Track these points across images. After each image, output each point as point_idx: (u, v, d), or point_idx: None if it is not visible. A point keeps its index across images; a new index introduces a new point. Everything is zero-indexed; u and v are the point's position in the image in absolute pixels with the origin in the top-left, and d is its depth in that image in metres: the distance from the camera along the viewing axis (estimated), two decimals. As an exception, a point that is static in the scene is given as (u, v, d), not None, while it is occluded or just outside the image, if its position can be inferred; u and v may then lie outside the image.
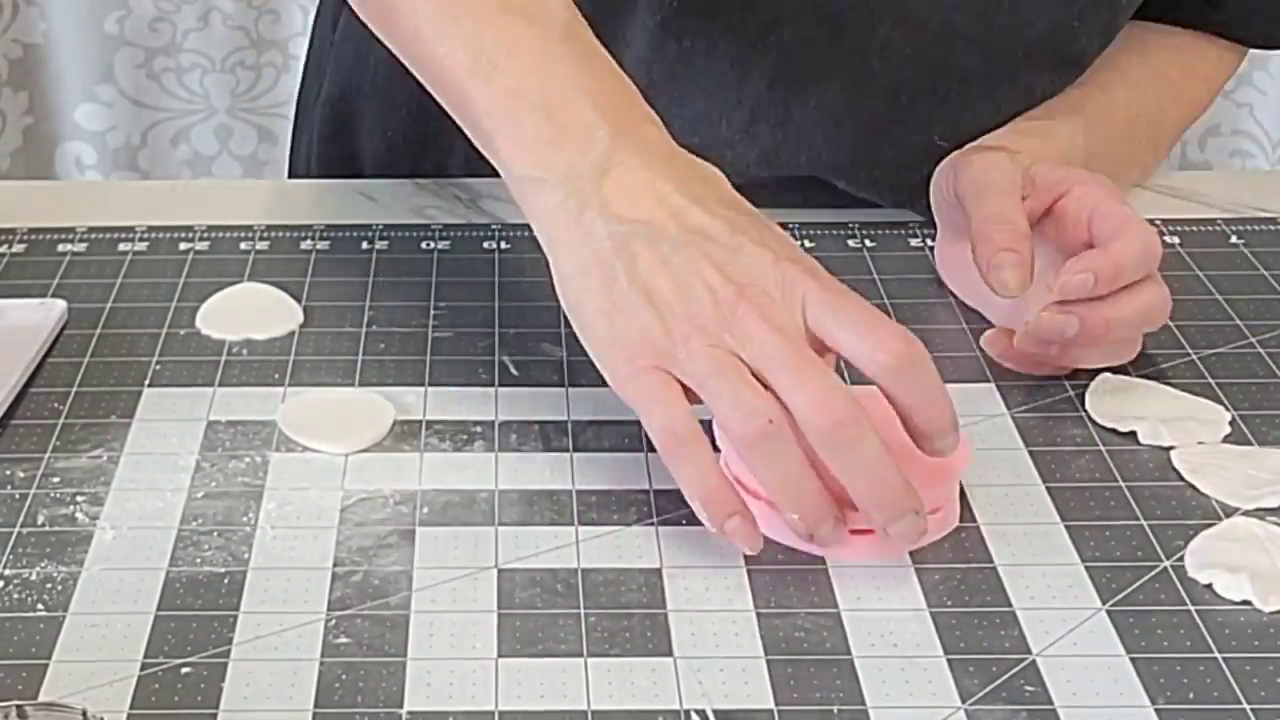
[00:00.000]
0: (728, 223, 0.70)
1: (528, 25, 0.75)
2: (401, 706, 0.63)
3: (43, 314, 0.86)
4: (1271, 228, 0.97)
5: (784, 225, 0.95)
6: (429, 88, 0.79)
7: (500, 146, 0.74)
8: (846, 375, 0.76)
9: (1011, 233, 0.79)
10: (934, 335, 0.86)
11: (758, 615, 0.67)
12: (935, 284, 0.91)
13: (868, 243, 0.95)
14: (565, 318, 0.86)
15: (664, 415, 0.69)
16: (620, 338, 0.70)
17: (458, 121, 0.78)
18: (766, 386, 0.68)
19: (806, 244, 0.95)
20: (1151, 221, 0.97)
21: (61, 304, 0.87)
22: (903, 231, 0.96)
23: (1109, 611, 0.68)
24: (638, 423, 0.78)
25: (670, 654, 0.65)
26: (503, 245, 0.93)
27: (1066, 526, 0.72)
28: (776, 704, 0.63)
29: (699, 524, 0.71)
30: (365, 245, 0.95)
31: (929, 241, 0.95)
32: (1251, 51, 1.03)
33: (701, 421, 0.69)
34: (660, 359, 0.69)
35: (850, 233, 0.96)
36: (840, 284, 0.70)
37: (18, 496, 0.74)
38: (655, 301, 0.69)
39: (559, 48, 0.75)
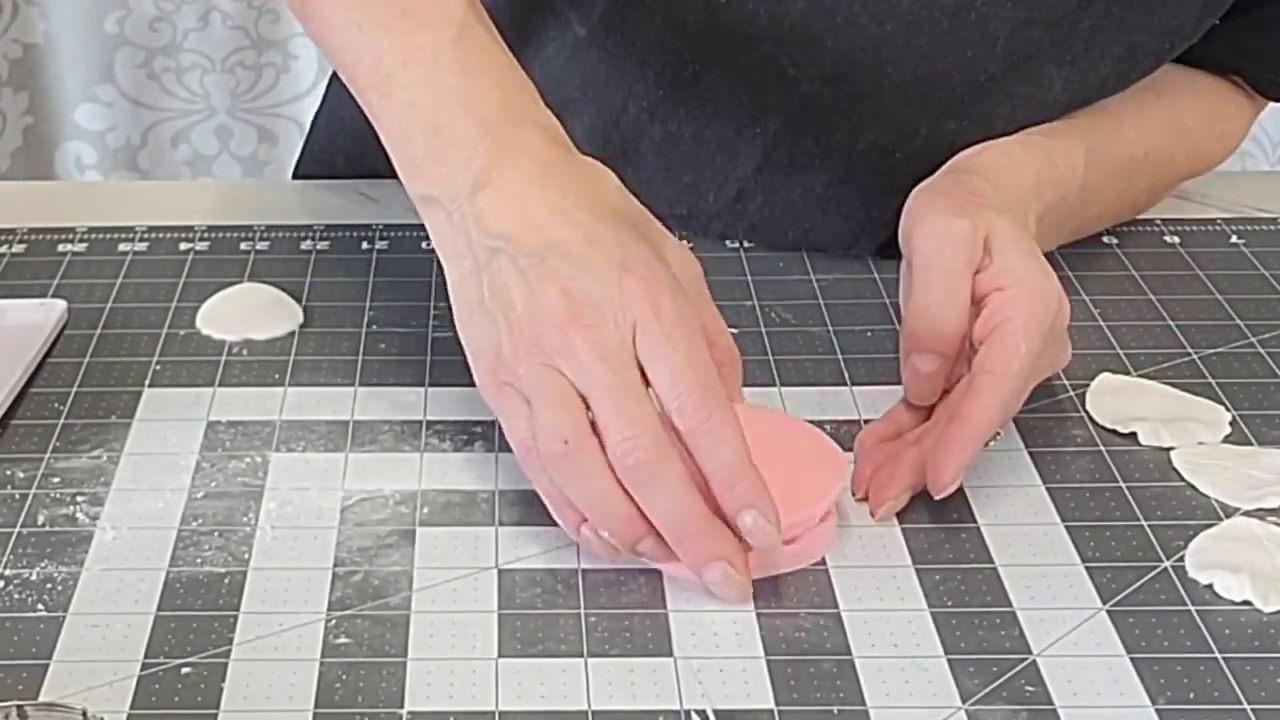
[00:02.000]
0: (585, 234, 0.69)
1: (422, 33, 0.75)
2: (402, 706, 0.63)
3: (43, 314, 0.86)
4: (1271, 228, 0.97)
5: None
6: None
7: (398, 164, 0.75)
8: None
9: (935, 341, 0.76)
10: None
11: (758, 615, 0.67)
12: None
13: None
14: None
15: (513, 430, 0.70)
16: (480, 352, 0.71)
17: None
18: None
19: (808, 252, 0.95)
20: (1151, 221, 0.97)
21: (61, 304, 0.87)
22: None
23: (1109, 611, 0.68)
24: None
25: (670, 654, 0.65)
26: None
27: (1066, 526, 0.72)
28: (777, 704, 0.63)
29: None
30: (365, 245, 0.95)
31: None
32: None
33: None
34: (508, 374, 0.70)
35: (850, 233, 0.96)
36: (683, 308, 0.68)
37: (18, 496, 0.74)
38: (508, 316, 0.69)
39: (449, 55, 0.74)
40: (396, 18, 0.75)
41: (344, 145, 1.09)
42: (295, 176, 1.15)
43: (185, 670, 0.65)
